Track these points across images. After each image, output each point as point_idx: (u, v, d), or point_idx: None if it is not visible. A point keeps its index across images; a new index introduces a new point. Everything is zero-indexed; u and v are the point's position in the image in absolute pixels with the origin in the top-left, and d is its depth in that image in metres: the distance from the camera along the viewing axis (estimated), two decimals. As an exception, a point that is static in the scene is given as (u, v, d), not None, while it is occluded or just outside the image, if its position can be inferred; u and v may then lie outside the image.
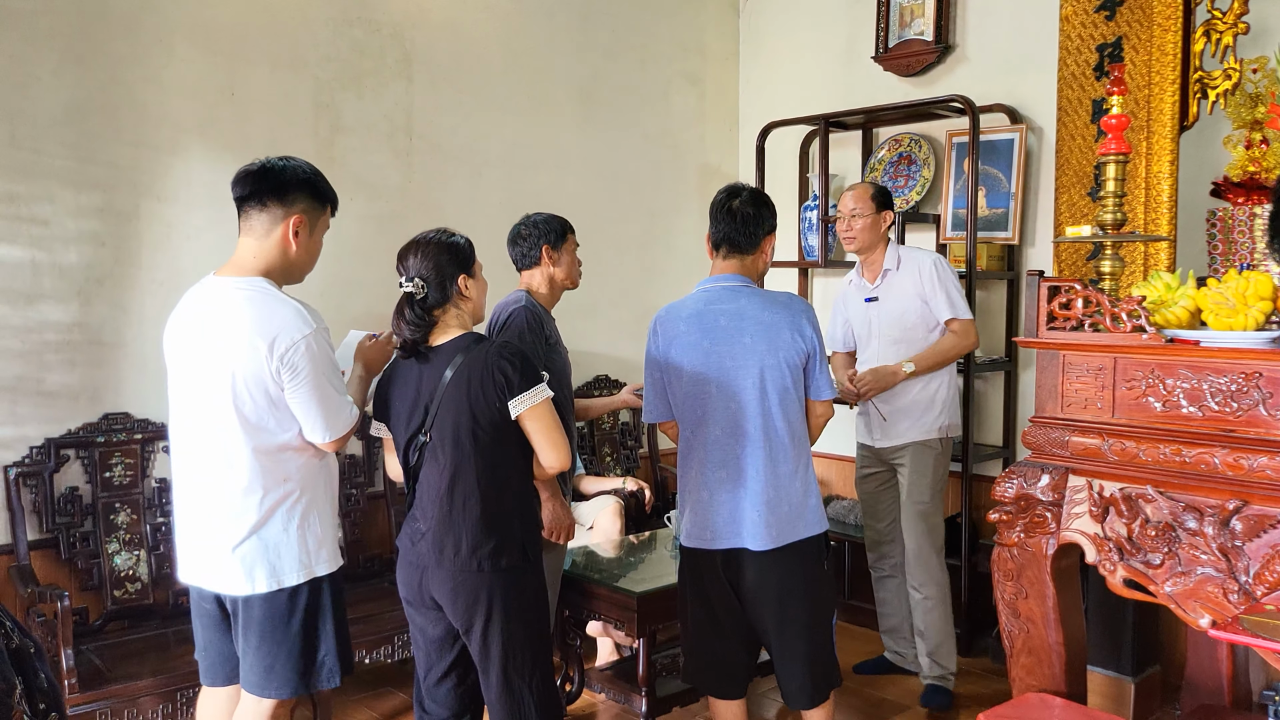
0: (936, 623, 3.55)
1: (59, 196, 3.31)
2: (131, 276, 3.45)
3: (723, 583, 2.59)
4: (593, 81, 4.72)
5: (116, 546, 3.36)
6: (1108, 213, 2.68)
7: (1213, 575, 2.27)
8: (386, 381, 2.51)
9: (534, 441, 2.42)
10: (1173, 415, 2.37)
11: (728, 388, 2.53)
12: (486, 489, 2.39)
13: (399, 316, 2.41)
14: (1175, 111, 3.47)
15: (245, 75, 3.68)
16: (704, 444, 2.57)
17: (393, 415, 2.48)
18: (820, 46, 4.92)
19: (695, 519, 2.60)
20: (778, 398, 2.54)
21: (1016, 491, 2.63)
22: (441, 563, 2.39)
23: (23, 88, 3.22)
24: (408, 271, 2.43)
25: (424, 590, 2.45)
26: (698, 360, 2.56)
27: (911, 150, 4.54)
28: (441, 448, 2.38)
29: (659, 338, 2.64)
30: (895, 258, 3.57)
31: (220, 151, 3.61)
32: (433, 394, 2.38)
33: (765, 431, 2.53)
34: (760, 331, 2.53)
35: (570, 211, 4.57)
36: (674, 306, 2.66)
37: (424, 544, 2.43)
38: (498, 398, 2.36)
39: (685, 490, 2.65)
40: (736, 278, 2.62)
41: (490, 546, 2.38)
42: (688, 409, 2.60)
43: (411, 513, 2.49)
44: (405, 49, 4.09)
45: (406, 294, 2.41)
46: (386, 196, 4.05)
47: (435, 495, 2.41)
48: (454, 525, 2.38)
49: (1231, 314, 2.34)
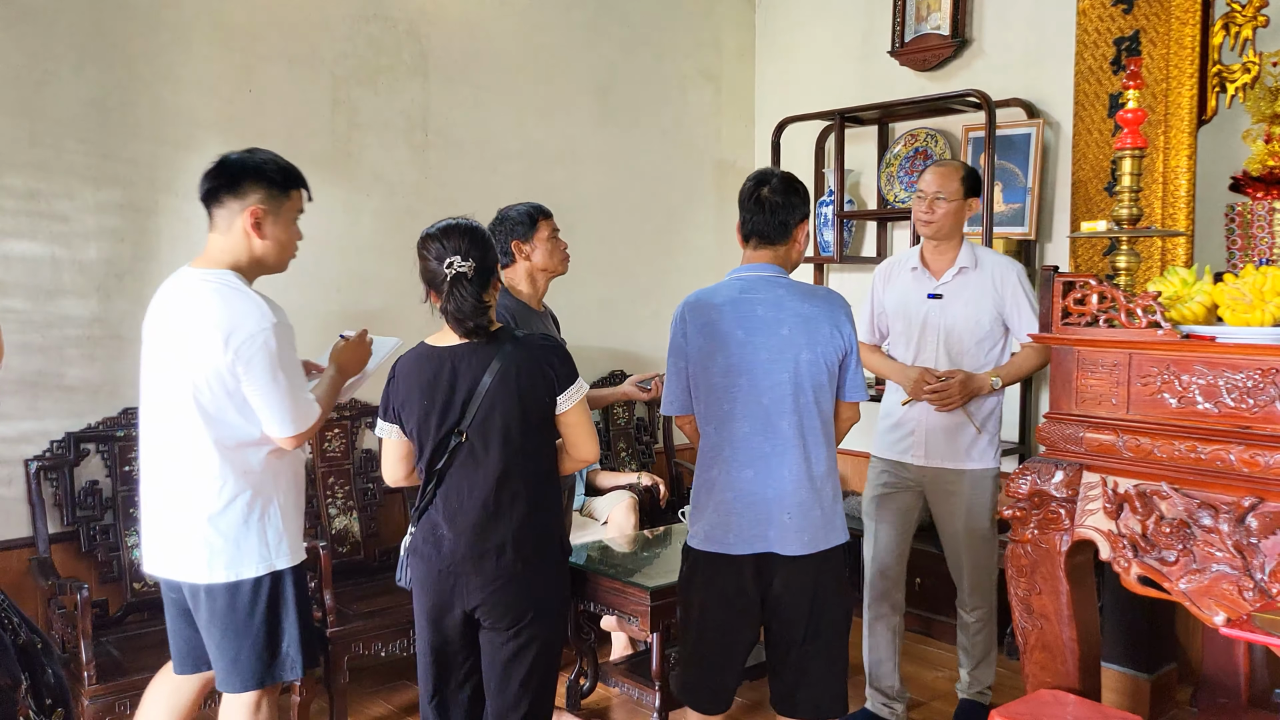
0: (984, 642, 3.33)
1: (79, 193, 3.35)
2: (151, 271, 3.48)
3: (746, 590, 2.43)
4: (609, 77, 4.72)
5: (136, 539, 3.39)
6: (1124, 208, 2.66)
7: (1228, 573, 2.26)
8: (402, 379, 2.38)
9: (572, 435, 2.40)
10: (1188, 411, 2.36)
11: (762, 382, 2.38)
12: (534, 486, 2.35)
13: (454, 298, 2.26)
14: (1193, 105, 3.45)
15: (262, 72, 3.70)
16: (731, 441, 2.41)
17: (414, 414, 2.34)
18: (836, 41, 4.91)
19: (717, 521, 2.42)
20: (813, 395, 2.40)
21: (1030, 488, 2.62)
22: (482, 567, 2.30)
23: (42, 85, 3.26)
24: (451, 251, 2.27)
25: (456, 599, 2.35)
26: (731, 351, 2.39)
27: (928, 145, 4.52)
28: (484, 446, 2.29)
29: (687, 325, 2.45)
30: (972, 256, 3.19)
31: (238, 147, 3.58)
32: (472, 390, 2.28)
33: (800, 430, 2.39)
34: (799, 324, 2.39)
35: (586, 207, 4.61)
36: (705, 293, 2.49)
37: (458, 549, 2.32)
38: (548, 392, 2.33)
39: (705, 490, 2.47)
40: (771, 267, 2.48)
41: (536, 543, 2.35)
42: (714, 403, 2.42)
43: (429, 518, 2.37)
44: (421, 45, 4.10)
45: (459, 274, 2.26)
46: (403, 192, 4.07)
47: (478, 497, 2.31)
48: (500, 525, 2.31)
49: (1249, 309, 2.32)
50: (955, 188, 3.12)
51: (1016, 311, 3.16)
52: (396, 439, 2.41)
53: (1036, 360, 3.17)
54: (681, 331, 2.45)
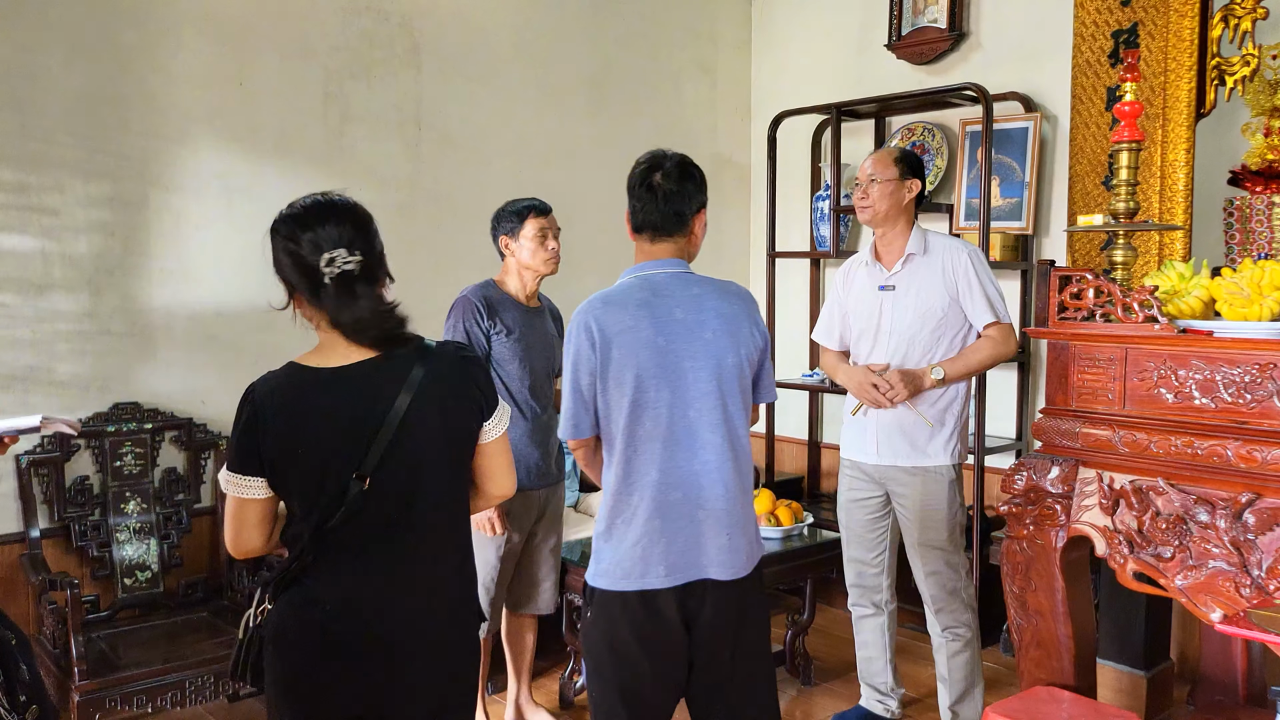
0: (963, 668, 3.10)
1: (69, 186, 3.32)
2: (141, 266, 3.46)
3: (674, 626, 2.10)
4: (603, 70, 4.69)
5: (126, 535, 3.37)
6: (1121, 201, 2.64)
7: (1225, 569, 2.24)
8: (278, 416, 1.72)
9: (492, 467, 1.91)
10: (1185, 407, 2.34)
11: (687, 393, 2.09)
12: (456, 541, 1.88)
13: (347, 305, 1.73)
14: (1192, 98, 3.43)
15: (254, 65, 3.68)
16: (653, 462, 2.09)
17: (297, 461, 1.73)
18: (833, 34, 4.88)
19: (640, 555, 2.09)
20: (739, 401, 2.16)
21: (1026, 483, 2.60)
22: (392, 652, 1.77)
23: (32, 78, 3.23)
24: (330, 242, 1.73)
25: (347, 697, 1.77)
26: (649, 361, 2.07)
27: (924, 139, 4.50)
28: (396, 493, 1.75)
29: (595, 334, 2.08)
30: (922, 242, 3.02)
31: (229, 141, 3.61)
32: (382, 420, 1.72)
33: (730, 441, 2.13)
34: (723, 325, 2.13)
35: (581, 202, 4.58)
36: (611, 296, 2.13)
37: (355, 632, 1.75)
38: (474, 418, 1.86)
39: (623, 521, 2.11)
40: (677, 262, 2.20)
41: (461, 616, 1.88)
42: (629, 421, 2.08)
43: (307, 593, 1.75)
44: (414, 38, 4.08)
45: (344, 272, 1.73)
46: (396, 186, 4.05)
47: (387, 562, 1.77)
48: (418, 595, 1.80)
49: (1246, 304, 2.30)
50: (890, 169, 3.00)
51: (970, 296, 2.95)
52: (262, 496, 1.75)
53: (989, 352, 2.95)
54: (589, 342, 2.09)
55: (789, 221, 4.95)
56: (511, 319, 2.98)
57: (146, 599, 3.37)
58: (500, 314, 2.97)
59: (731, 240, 5.21)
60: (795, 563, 3.45)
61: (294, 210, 1.78)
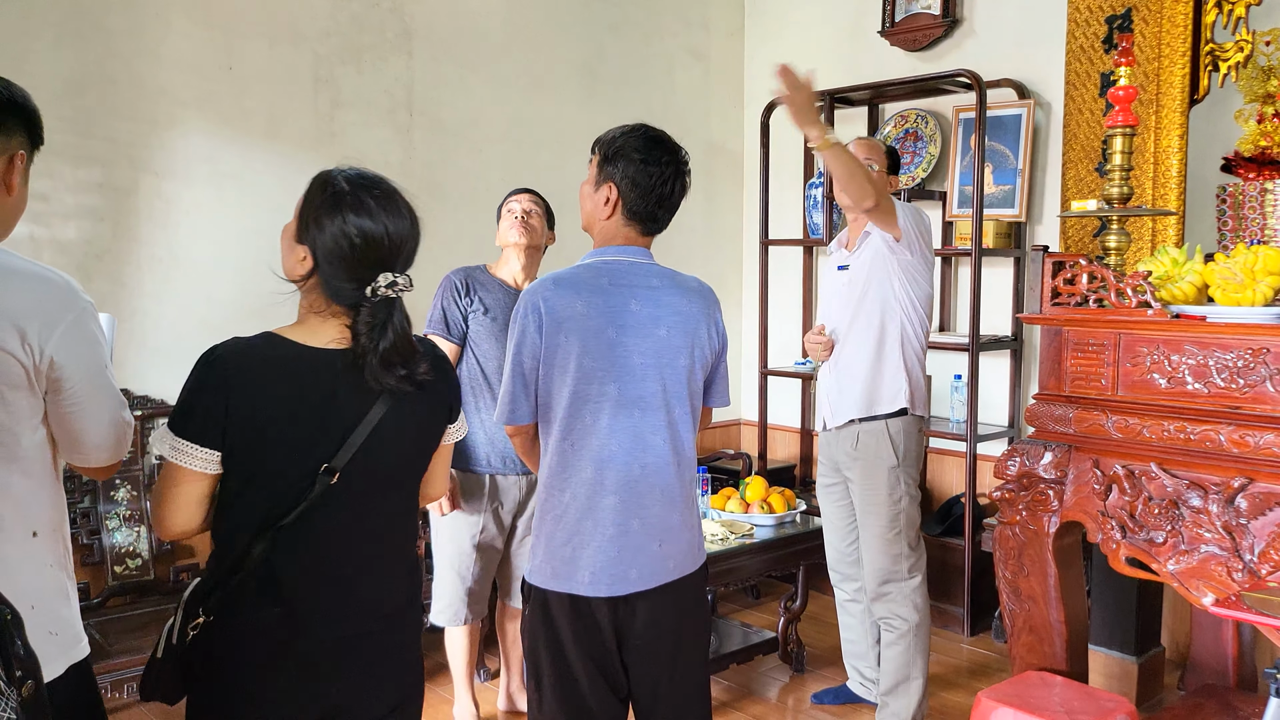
0: (896, 660, 3.01)
1: (57, 172, 3.29)
2: (131, 252, 3.43)
3: (606, 634, 2.00)
4: (596, 57, 4.67)
5: (117, 523, 3.35)
6: (1114, 186, 2.64)
7: (1217, 553, 2.24)
8: (250, 384, 1.54)
9: (435, 469, 1.80)
10: (1177, 392, 2.34)
11: (632, 390, 1.98)
12: (410, 541, 1.78)
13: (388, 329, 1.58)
14: (1185, 85, 3.42)
15: (243, 49, 3.65)
16: (592, 459, 1.98)
17: (264, 438, 1.55)
18: (826, 21, 4.87)
19: (569, 556, 1.99)
20: (688, 405, 2.05)
21: (1019, 469, 2.60)
22: (355, 649, 1.65)
23: (19, 62, 3.20)
24: (393, 250, 1.59)
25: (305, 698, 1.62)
26: (597, 352, 1.96)
27: (918, 126, 4.49)
28: (363, 492, 1.62)
29: (543, 317, 1.96)
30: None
31: (219, 126, 3.59)
32: (359, 415, 1.59)
33: (673, 445, 2.03)
34: (679, 324, 2.02)
35: (573, 189, 4.54)
36: (563, 279, 2.01)
37: (311, 631, 1.60)
38: (442, 423, 1.76)
39: (553, 517, 2.01)
40: (642, 251, 2.06)
41: (413, 613, 1.77)
42: (568, 413, 1.98)
43: (259, 590, 1.57)
44: (405, 23, 4.05)
45: (389, 300, 1.58)
46: (387, 173, 3.88)
47: (349, 560, 1.64)
48: (378, 595, 1.68)
49: (1239, 289, 2.30)
50: (882, 158, 3.07)
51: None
52: (211, 472, 1.55)
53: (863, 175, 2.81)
54: (535, 324, 1.97)
55: (782, 209, 4.94)
56: (492, 299, 2.98)
57: (137, 586, 3.36)
58: (480, 293, 2.97)
59: (724, 227, 5.20)
60: (787, 550, 3.45)
61: (349, 181, 1.60)
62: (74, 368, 1.61)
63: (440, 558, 3.02)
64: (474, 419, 2.96)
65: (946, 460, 4.45)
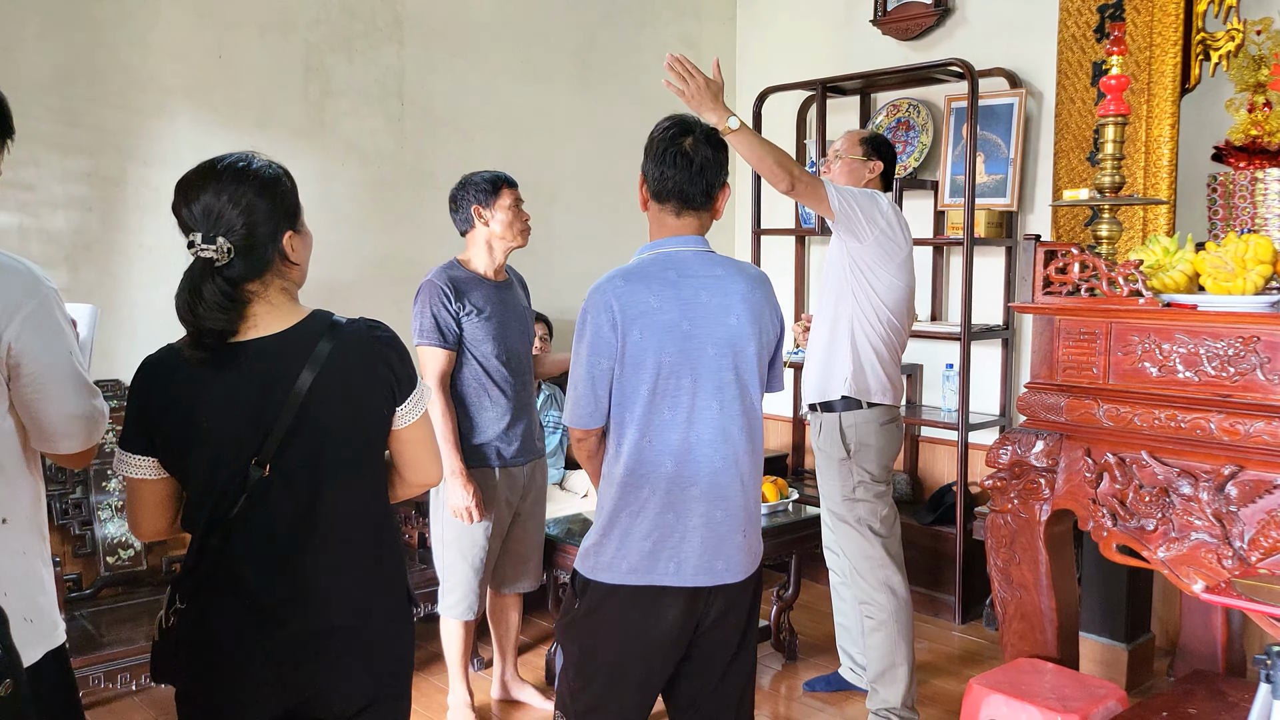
0: (877, 646, 3.00)
1: (45, 161, 3.27)
2: (119, 242, 3.41)
3: (675, 627, 1.98)
4: (588, 45, 4.65)
5: (109, 514, 3.34)
6: (1106, 176, 2.64)
7: (1207, 541, 2.26)
8: (168, 390, 1.59)
9: (413, 454, 1.76)
10: (1168, 380, 2.35)
11: (710, 381, 1.96)
12: (370, 530, 1.72)
13: (193, 295, 1.55)
14: (1176, 74, 3.43)
15: (233, 38, 3.62)
16: (671, 454, 1.96)
17: (189, 441, 1.58)
18: (818, 9, 4.86)
19: (650, 548, 1.96)
20: (757, 393, 2.04)
21: (1011, 458, 2.61)
22: (310, 649, 1.63)
23: (6, 51, 3.17)
24: (201, 223, 1.57)
25: (263, 695, 1.62)
26: (672, 346, 1.93)
27: (910, 116, 4.49)
28: (300, 482, 1.60)
29: (615, 314, 1.92)
30: None
31: (208, 115, 3.57)
32: (282, 401, 1.57)
33: (749, 434, 2.02)
34: (747, 311, 1.99)
35: (565, 177, 4.56)
36: (632, 274, 1.98)
37: (265, 628, 1.60)
38: (386, 402, 1.68)
39: (628, 514, 1.98)
40: (700, 240, 2.04)
41: (381, 606, 1.72)
42: (646, 410, 1.95)
43: (212, 587, 1.60)
44: (396, 11, 4.03)
45: (204, 260, 1.56)
46: (378, 162, 4.01)
47: (296, 555, 1.62)
48: (331, 589, 1.65)
49: (1230, 278, 2.31)
50: (856, 149, 3.09)
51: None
52: (155, 476, 1.62)
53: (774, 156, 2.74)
54: (609, 323, 1.93)
55: (774, 198, 4.93)
56: (480, 297, 2.92)
57: (129, 577, 3.35)
58: (468, 294, 2.90)
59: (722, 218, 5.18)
60: (780, 539, 3.45)
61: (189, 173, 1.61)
62: (34, 355, 1.62)
63: (452, 551, 2.96)
64: (481, 419, 2.95)
65: (938, 449, 4.46)
